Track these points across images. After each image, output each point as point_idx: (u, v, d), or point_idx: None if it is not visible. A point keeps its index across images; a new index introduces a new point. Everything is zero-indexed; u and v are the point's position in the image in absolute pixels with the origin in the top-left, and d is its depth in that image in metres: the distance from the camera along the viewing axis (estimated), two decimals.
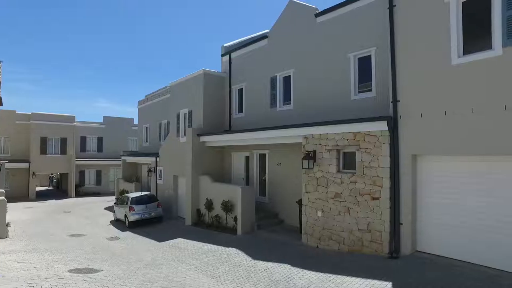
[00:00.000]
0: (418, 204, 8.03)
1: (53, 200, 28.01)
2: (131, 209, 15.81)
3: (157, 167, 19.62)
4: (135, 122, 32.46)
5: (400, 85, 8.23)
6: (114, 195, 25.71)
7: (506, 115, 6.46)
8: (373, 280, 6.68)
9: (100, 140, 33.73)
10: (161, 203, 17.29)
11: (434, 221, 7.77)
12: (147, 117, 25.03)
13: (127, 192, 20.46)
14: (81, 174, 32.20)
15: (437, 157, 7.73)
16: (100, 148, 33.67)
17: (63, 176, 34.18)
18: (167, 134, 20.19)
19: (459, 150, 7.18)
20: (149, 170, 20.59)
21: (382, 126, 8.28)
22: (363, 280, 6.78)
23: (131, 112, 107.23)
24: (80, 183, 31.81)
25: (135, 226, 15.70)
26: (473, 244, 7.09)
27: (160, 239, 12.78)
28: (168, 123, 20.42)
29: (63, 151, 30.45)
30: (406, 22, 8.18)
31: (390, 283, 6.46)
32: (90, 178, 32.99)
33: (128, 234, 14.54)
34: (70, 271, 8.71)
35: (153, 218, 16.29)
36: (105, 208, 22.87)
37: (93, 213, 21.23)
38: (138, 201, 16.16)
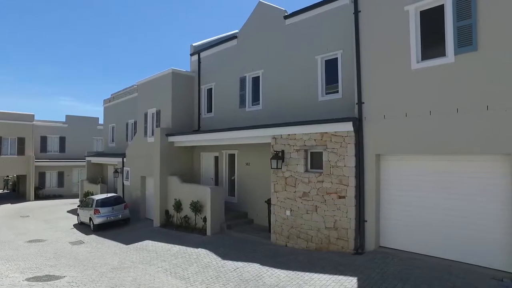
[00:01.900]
0: (382, 201, 8.40)
1: (9, 204, 26.35)
2: (96, 211, 15.27)
3: (124, 167, 19.07)
4: (101, 121, 31.30)
5: (364, 87, 8.56)
6: (78, 198, 24.69)
7: (459, 117, 6.93)
8: (340, 276, 6.91)
9: (62, 140, 32.16)
10: (129, 204, 16.85)
11: (396, 218, 8.16)
12: (113, 117, 24.23)
13: (92, 194, 19.77)
14: (41, 176, 30.54)
15: (399, 157, 8.12)
16: (62, 149, 32.10)
17: (21, 178, 32.31)
18: (134, 134, 19.68)
19: (418, 150, 7.60)
20: (116, 171, 19.97)
21: (348, 127, 8.58)
22: (330, 276, 7.00)
23: (96, 111, 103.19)
24: (40, 186, 30.15)
25: (101, 229, 15.20)
26: (431, 238, 7.54)
27: (127, 242, 12.45)
28: (135, 122, 19.91)
29: (21, 151, 28.69)
30: (370, 27, 8.52)
31: (356, 278, 6.71)
32: (51, 180, 31.35)
33: (93, 237, 14.04)
34: (28, 279, 8.28)
35: (120, 220, 15.85)
36: (68, 211, 21.90)
37: (54, 216, 20.25)
38: (104, 203, 15.65)
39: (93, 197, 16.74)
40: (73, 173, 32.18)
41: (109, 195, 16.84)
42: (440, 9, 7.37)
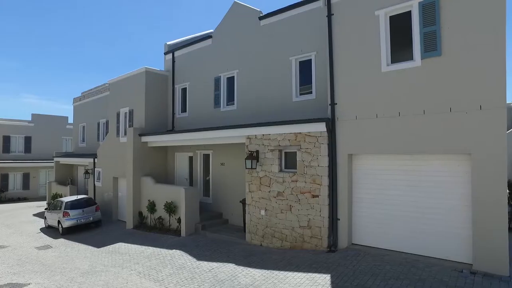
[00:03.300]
0: (354, 200, 8.65)
1: None
2: (65, 214, 14.72)
3: (95, 168, 18.51)
4: (70, 120, 30.15)
5: (337, 88, 8.78)
6: (46, 200, 23.68)
7: (425, 119, 7.26)
8: (314, 274, 7.07)
9: (28, 140, 30.66)
10: (100, 206, 16.35)
11: (367, 216, 8.43)
12: (83, 116, 23.42)
13: (61, 196, 19.06)
14: (4, 177, 28.95)
15: (370, 156, 8.40)
16: (28, 149, 30.59)
17: None
18: (106, 134, 19.13)
19: (388, 150, 7.89)
20: (86, 172, 19.33)
21: (321, 127, 8.76)
22: (304, 274, 7.14)
23: (65, 109, 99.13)
24: (3, 188, 28.58)
25: (71, 233, 14.68)
26: (400, 235, 7.85)
27: (98, 245, 12.11)
28: (107, 122, 19.35)
29: None
30: (343, 30, 8.74)
31: (329, 275, 6.89)
32: (15, 182, 29.79)
33: (62, 241, 13.53)
34: None
35: (91, 223, 15.37)
36: (34, 215, 20.92)
37: (18, 220, 19.26)
38: (73, 205, 15.10)
39: (62, 199, 16.12)
40: (40, 175, 30.79)
41: (80, 196, 16.27)
42: (408, 15, 7.69)
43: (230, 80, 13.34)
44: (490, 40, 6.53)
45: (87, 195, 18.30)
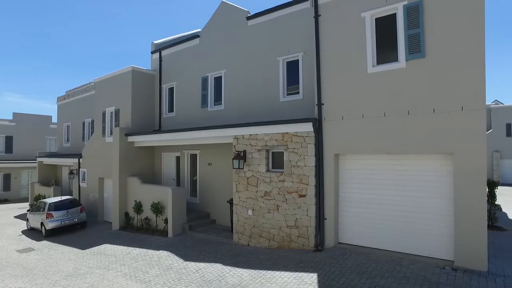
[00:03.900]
0: (340, 199, 8.75)
1: None
2: (48, 215, 14.40)
3: (80, 169, 18.18)
4: (54, 120, 29.50)
5: (324, 89, 8.86)
6: (28, 202, 23.12)
7: (410, 119, 7.40)
8: (301, 273, 7.12)
9: (9, 139, 29.80)
10: (85, 207, 16.09)
11: (354, 215, 8.54)
12: (68, 115, 22.97)
13: (44, 197, 18.63)
14: None
15: (356, 156, 8.51)
16: (9, 149, 29.74)
17: None
18: (91, 134, 18.83)
19: (374, 150, 8.01)
20: (71, 173, 18.97)
21: (308, 127, 8.83)
22: (291, 273, 7.19)
23: (49, 109, 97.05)
24: None
25: (54, 234, 14.38)
26: (385, 233, 7.99)
27: (83, 247, 11.90)
28: (92, 121, 19.04)
29: None
30: (330, 31, 8.83)
31: (316, 274, 6.95)
32: None
33: (45, 243, 13.25)
34: None
35: (76, 224, 15.08)
36: (16, 217, 20.38)
37: None
38: (57, 206, 14.78)
39: (45, 200, 15.76)
40: (22, 175, 30.00)
41: (64, 197, 15.95)
42: (393, 17, 7.82)
43: (218, 80, 13.30)
44: (470, 44, 6.71)
45: (72, 196, 17.94)
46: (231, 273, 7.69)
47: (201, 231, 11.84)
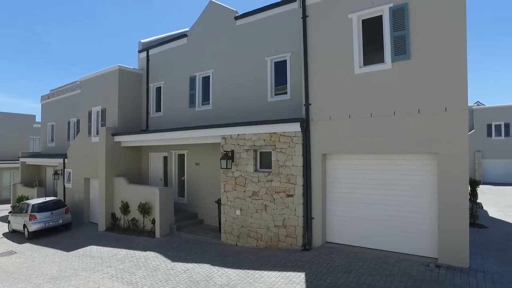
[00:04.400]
0: (327, 199, 8.82)
1: None
2: (32, 217, 14.09)
3: (66, 169, 17.84)
4: (38, 119, 28.83)
5: (312, 89, 8.92)
6: (10, 203, 22.53)
7: (396, 120, 7.53)
8: (288, 272, 7.16)
9: None
10: (71, 208, 15.80)
11: (341, 214, 8.63)
12: (53, 114, 22.49)
13: (27, 199, 18.19)
14: None
15: (343, 156, 8.60)
16: None
17: None
18: (77, 134, 18.49)
19: (361, 150, 8.11)
20: (56, 173, 18.58)
21: (296, 127, 8.88)
22: (279, 273, 7.22)
23: (33, 108, 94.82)
24: None
25: (38, 237, 14.08)
26: (371, 232, 8.10)
27: (68, 249, 11.69)
28: (78, 121, 18.70)
29: None
30: (317, 32, 8.89)
31: (304, 273, 7.00)
32: None
33: (27, 246, 12.95)
34: None
35: (61, 226, 14.81)
36: None
37: None
38: (41, 207, 14.48)
39: (28, 201, 15.42)
40: (3, 176, 29.21)
41: (48, 199, 15.63)
42: (379, 19, 7.93)
43: (206, 80, 13.25)
44: (453, 46, 6.87)
45: (57, 197, 17.59)
46: (219, 273, 7.68)
47: (189, 232, 11.78)
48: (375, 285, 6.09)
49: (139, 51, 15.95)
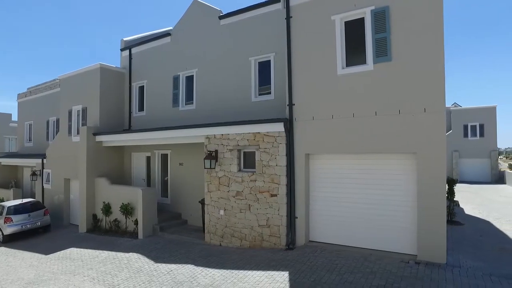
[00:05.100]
0: (311, 198, 8.92)
1: None
2: (7, 220, 13.62)
3: (44, 170, 17.33)
4: (14, 118, 27.91)
5: (295, 89, 8.99)
6: None
7: (377, 120, 7.69)
8: (272, 271, 7.20)
9: None
10: (50, 210, 15.36)
11: (324, 213, 8.74)
12: (30, 113, 21.81)
13: (2, 201, 17.62)
14: None
15: (326, 156, 8.71)
16: None
17: None
18: (56, 133, 18.00)
19: (343, 150, 8.24)
20: (34, 174, 18.01)
21: (279, 127, 8.94)
22: (263, 272, 7.25)
23: (8, 106, 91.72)
24: None
25: (14, 240, 13.61)
26: (354, 231, 8.24)
27: (47, 252, 11.37)
28: (57, 120, 18.22)
29: None
30: (301, 33, 8.97)
31: (287, 272, 7.05)
32: None
33: (2, 250, 12.52)
34: None
35: (39, 228, 14.37)
36: None
37: None
38: (17, 210, 14.00)
39: (3, 203, 14.89)
40: None
41: (25, 200, 15.14)
42: (361, 21, 8.08)
43: (189, 79, 13.15)
44: (431, 49, 7.08)
45: (35, 198, 17.08)
46: (203, 273, 7.65)
47: (172, 232, 11.67)
48: (357, 282, 6.21)
49: (122, 50, 15.69)
